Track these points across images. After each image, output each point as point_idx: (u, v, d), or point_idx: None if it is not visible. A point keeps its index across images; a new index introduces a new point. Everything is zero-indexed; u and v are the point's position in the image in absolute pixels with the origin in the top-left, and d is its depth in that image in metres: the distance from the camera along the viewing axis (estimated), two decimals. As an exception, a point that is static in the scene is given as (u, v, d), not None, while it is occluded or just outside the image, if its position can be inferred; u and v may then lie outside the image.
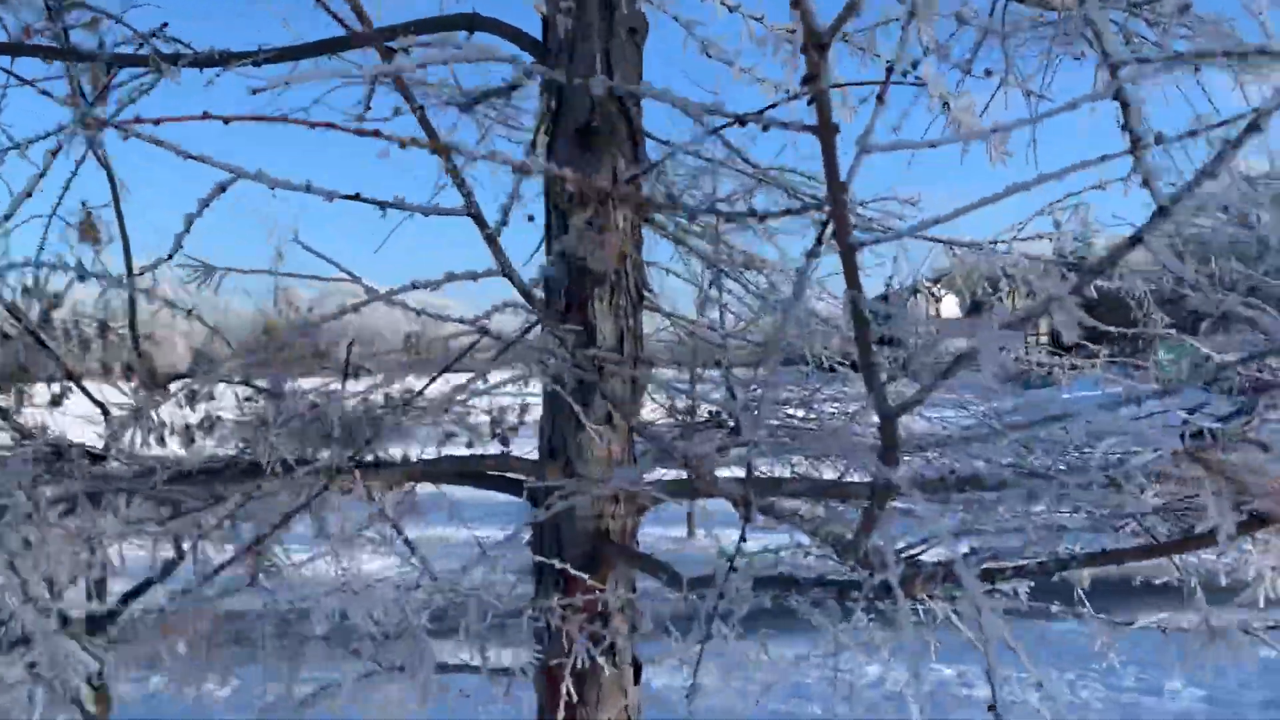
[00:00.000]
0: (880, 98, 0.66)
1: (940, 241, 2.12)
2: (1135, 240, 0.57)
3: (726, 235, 3.25)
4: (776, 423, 3.44)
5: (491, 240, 0.81)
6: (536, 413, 2.45)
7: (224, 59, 2.36)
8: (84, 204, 4.55)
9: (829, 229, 0.64)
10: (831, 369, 3.01)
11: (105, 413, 3.75)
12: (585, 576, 2.32)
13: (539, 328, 2.47)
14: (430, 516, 2.99)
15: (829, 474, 2.54)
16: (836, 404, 2.81)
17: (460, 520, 2.57)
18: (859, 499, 1.48)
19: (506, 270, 0.84)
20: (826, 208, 0.61)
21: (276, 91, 3.15)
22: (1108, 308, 2.71)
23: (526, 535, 2.42)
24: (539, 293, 2.43)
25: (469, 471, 2.53)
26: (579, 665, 2.26)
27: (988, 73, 3.07)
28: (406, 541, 1.93)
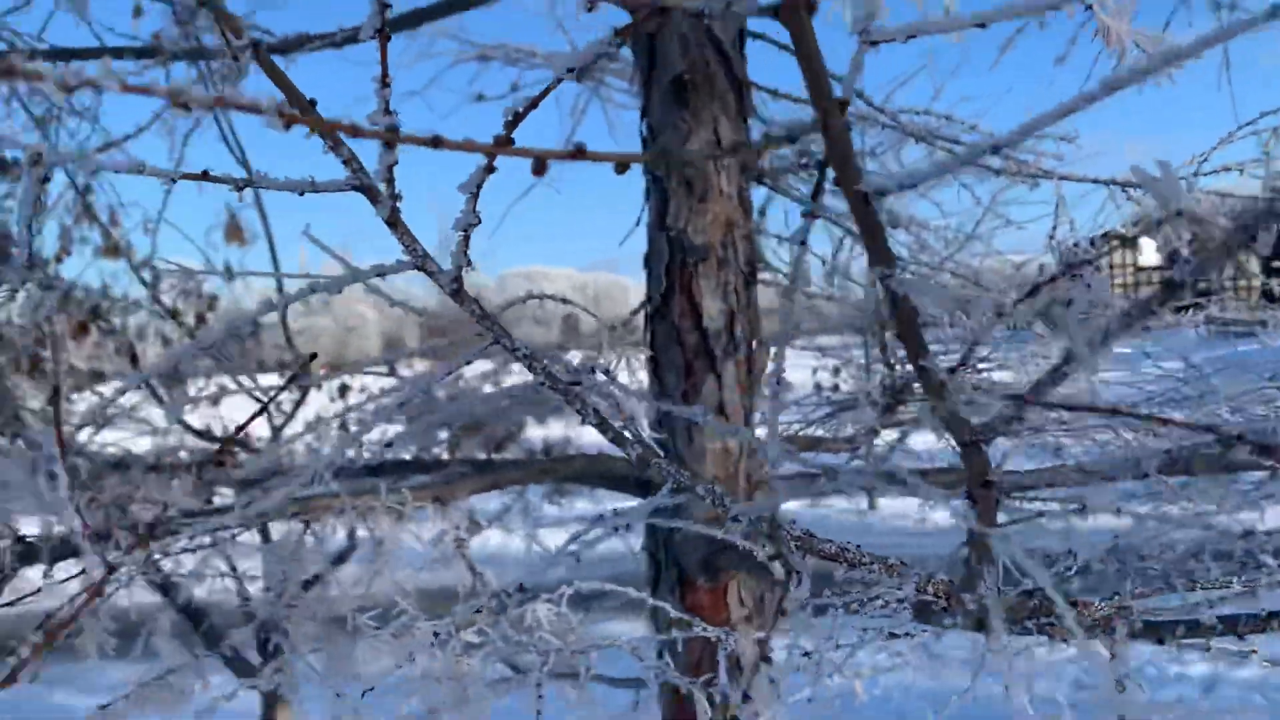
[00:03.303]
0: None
1: (1099, 182, 1.72)
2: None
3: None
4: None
5: (393, 222, 0.59)
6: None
7: (300, 42, 2.25)
8: (227, 206, 4.67)
9: (827, 169, 0.41)
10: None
11: (264, 407, 3.85)
12: (701, 581, 2.09)
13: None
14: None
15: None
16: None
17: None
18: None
19: (419, 261, 0.61)
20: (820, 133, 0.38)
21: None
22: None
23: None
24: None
25: (580, 472, 2.36)
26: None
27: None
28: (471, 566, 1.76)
